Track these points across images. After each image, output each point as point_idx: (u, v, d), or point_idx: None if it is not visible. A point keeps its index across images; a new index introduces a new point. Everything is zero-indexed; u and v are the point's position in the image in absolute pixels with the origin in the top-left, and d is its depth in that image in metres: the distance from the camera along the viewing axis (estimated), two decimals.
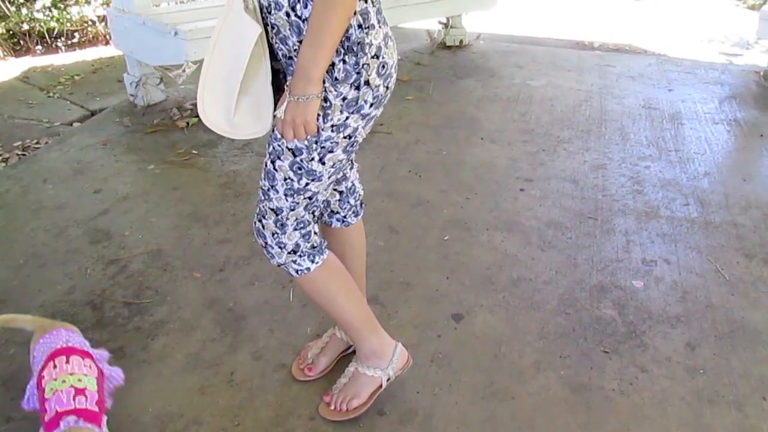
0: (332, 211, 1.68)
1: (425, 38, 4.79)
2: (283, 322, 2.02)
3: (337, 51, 1.25)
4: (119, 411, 1.71)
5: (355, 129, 1.37)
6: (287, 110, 1.27)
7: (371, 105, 1.35)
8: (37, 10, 4.94)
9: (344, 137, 1.36)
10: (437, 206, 2.64)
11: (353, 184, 1.69)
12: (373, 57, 1.29)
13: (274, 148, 1.39)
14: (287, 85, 1.28)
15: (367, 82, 1.30)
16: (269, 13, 1.27)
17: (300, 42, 1.25)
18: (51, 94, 4.13)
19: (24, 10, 4.92)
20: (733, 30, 5.36)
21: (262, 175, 1.45)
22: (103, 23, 5.06)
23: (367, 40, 1.27)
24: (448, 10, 4.37)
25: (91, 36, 5.25)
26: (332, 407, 1.68)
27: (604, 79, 4.04)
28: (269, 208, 1.46)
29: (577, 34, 5.19)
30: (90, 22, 5.19)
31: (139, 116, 3.57)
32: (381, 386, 1.68)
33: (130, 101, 3.75)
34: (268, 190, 1.44)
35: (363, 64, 1.28)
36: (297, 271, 1.53)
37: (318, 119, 1.30)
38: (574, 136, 3.25)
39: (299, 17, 1.24)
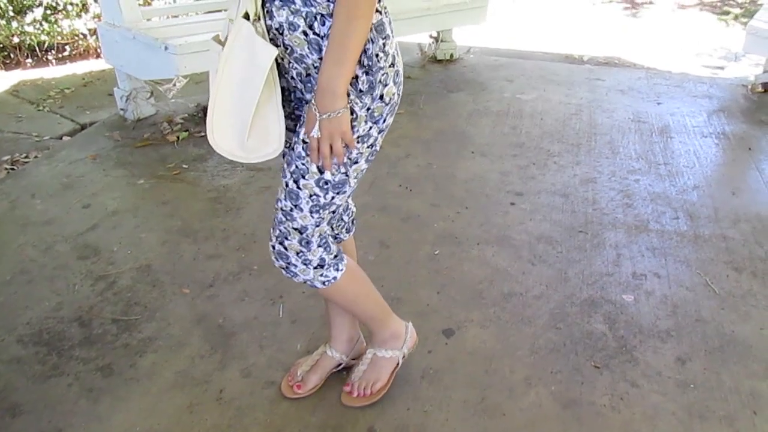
0: None
1: (416, 52, 4.81)
2: (272, 339, 2.01)
3: (359, 63, 1.27)
4: (106, 430, 1.69)
5: (376, 138, 1.39)
6: (321, 128, 1.28)
7: (389, 113, 1.38)
8: (28, 24, 4.93)
9: (367, 147, 1.38)
10: (428, 220, 2.64)
11: (347, 202, 1.69)
12: (390, 66, 1.32)
13: (297, 167, 1.38)
14: (313, 104, 1.27)
15: (386, 92, 1.33)
16: (281, 33, 1.27)
17: (320, 59, 1.26)
18: (41, 108, 4.12)
19: (14, 24, 4.90)
20: (721, 44, 5.41)
21: (282, 197, 1.43)
22: (94, 37, 5.05)
23: (384, 50, 1.30)
24: (439, 24, 4.40)
25: (81, 49, 5.25)
26: (355, 394, 1.74)
27: (594, 92, 4.07)
28: (292, 228, 1.45)
29: (566, 48, 5.23)
30: (81, 36, 5.18)
31: (129, 130, 3.56)
32: (398, 365, 1.79)
33: (120, 115, 3.74)
34: (291, 210, 1.43)
35: (383, 74, 1.31)
36: (324, 283, 1.54)
37: None
38: (564, 150, 3.26)
39: (318, 35, 1.25)
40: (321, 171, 1.36)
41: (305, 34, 1.25)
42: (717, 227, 2.58)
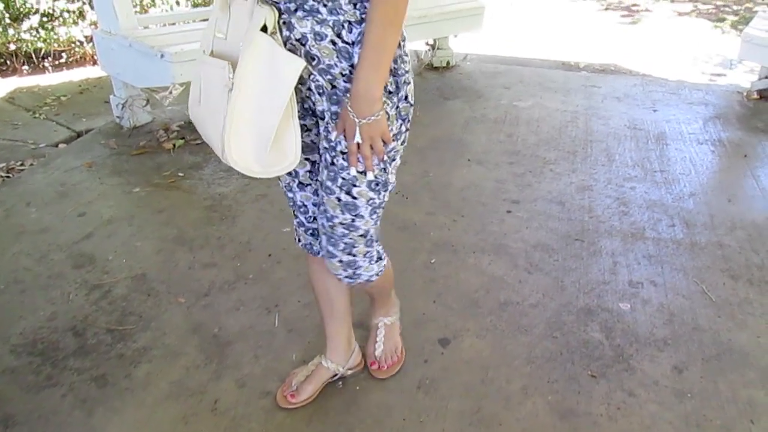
0: None
1: (412, 59, 4.81)
2: (268, 348, 2.00)
3: None
4: None
5: (405, 135, 1.44)
6: (362, 133, 1.29)
7: (411, 110, 1.42)
8: (24, 31, 4.92)
9: (401, 144, 1.43)
10: (424, 229, 2.63)
11: None
12: (407, 65, 1.37)
13: (344, 179, 1.39)
14: (350, 110, 1.28)
15: (408, 90, 1.37)
16: (303, 44, 1.27)
17: (352, 67, 1.27)
18: (37, 115, 4.12)
19: (11, 31, 4.90)
20: (716, 50, 5.43)
21: (337, 212, 1.44)
22: (90, 44, 5.05)
23: (404, 51, 1.34)
24: (435, 31, 4.41)
25: (78, 56, 5.24)
26: (386, 366, 1.87)
27: (590, 99, 4.07)
28: (357, 236, 1.49)
29: (563, 55, 5.24)
30: (77, 43, 5.18)
31: (125, 138, 3.55)
32: (400, 327, 1.96)
33: (116, 123, 3.73)
34: (353, 221, 1.45)
35: (404, 73, 1.35)
36: (378, 273, 1.60)
37: None
38: (560, 158, 3.26)
39: (347, 43, 1.26)
40: (365, 173, 1.39)
41: (333, 43, 1.25)
42: (713, 235, 2.58)
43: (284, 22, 1.26)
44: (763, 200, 2.85)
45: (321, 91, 1.32)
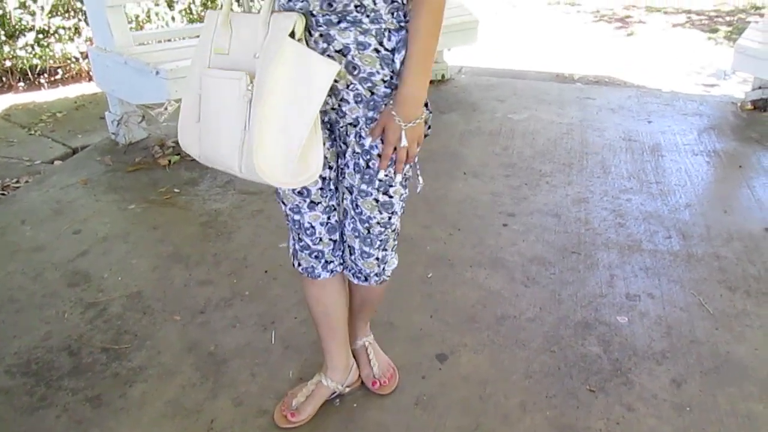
0: (326, 261, 1.62)
1: None
2: (264, 366, 1.99)
3: None
4: None
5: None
6: (407, 137, 1.34)
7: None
8: (20, 48, 4.93)
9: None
10: (420, 243, 2.63)
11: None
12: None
13: (381, 180, 1.43)
14: (394, 115, 1.31)
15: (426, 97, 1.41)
16: (344, 55, 1.29)
17: (393, 73, 1.31)
18: (32, 132, 4.11)
19: (6, 48, 4.90)
20: (710, 61, 5.46)
21: (375, 214, 1.48)
22: (86, 60, 5.05)
23: None
24: None
25: (74, 73, 5.24)
26: (386, 382, 1.87)
27: (585, 111, 4.09)
28: (390, 231, 1.55)
29: (557, 67, 5.26)
30: (73, 59, 5.18)
31: (120, 154, 3.55)
32: None
33: (111, 139, 3.73)
34: (390, 218, 1.51)
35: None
36: (395, 266, 1.66)
37: None
38: (555, 170, 3.26)
39: (388, 50, 1.29)
40: (395, 172, 1.43)
41: (377, 51, 1.29)
42: (709, 246, 2.58)
43: (321, 35, 1.27)
44: (759, 211, 2.85)
45: (359, 99, 1.34)
